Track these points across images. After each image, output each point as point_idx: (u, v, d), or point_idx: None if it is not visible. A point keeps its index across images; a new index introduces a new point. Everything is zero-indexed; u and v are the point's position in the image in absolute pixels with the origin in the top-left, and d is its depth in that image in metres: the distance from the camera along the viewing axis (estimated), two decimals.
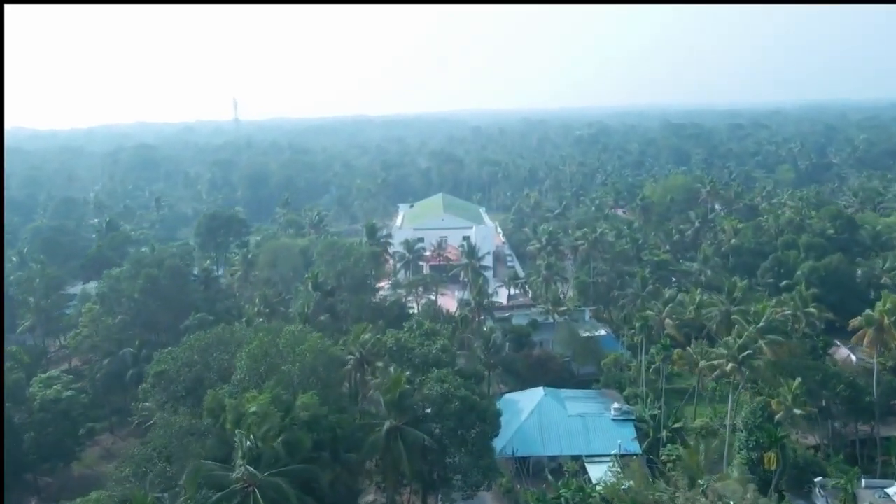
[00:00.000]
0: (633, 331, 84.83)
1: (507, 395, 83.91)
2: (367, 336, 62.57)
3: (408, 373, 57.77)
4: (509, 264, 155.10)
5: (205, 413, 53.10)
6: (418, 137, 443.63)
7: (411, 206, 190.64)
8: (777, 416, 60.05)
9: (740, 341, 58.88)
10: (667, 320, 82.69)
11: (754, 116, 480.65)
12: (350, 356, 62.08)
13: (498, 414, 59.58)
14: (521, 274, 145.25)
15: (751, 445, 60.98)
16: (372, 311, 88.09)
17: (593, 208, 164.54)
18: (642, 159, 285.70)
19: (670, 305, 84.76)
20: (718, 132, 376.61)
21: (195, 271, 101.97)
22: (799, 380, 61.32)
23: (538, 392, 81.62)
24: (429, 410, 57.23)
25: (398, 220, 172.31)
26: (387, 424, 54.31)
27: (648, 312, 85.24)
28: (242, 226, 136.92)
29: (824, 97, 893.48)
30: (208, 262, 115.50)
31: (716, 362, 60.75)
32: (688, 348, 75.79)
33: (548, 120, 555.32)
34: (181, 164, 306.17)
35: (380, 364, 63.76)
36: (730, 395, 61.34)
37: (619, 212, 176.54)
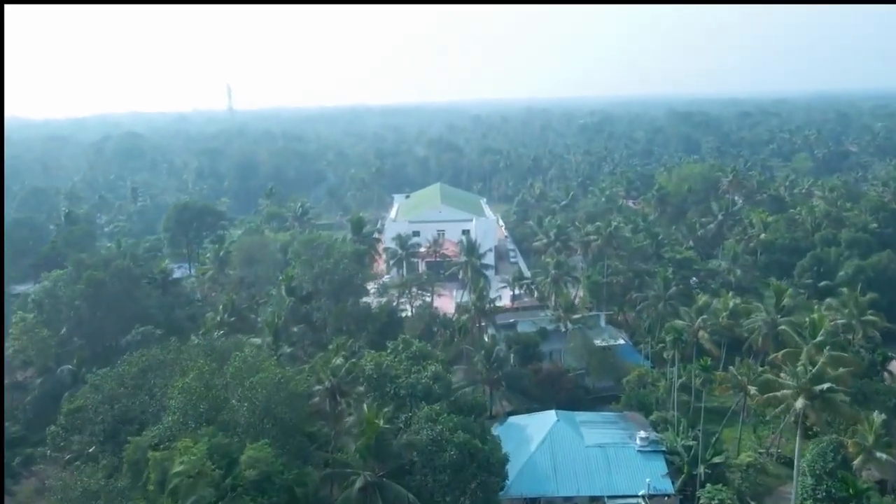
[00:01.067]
0: (661, 344, 72.02)
1: (513, 419, 71.56)
2: (338, 361, 50.09)
3: (387, 409, 45.45)
4: (512, 260, 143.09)
5: (125, 467, 40.95)
6: (417, 126, 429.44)
7: (407, 197, 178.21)
8: (855, 463, 47.74)
9: (812, 370, 46.36)
10: (701, 332, 70.18)
11: (759, 106, 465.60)
12: (319, 386, 49.69)
13: (504, 460, 47.38)
14: (526, 272, 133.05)
15: (819, 496, 48.94)
16: (356, 318, 75.73)
17: (603, 199, 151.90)
18: (650, 148, 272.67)
19: (704, 316, 72.11)
20: (727, 121, 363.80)
21: (158, 272, 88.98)
22: (882, 416, 48.91)
23: (549, 416, 69.34)
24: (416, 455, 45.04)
25: (392, 213, 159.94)
26: (360, 480, 42.11)
27: (679, 322, 72.82)
28: (218, 218, 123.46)
29: (826, 87, 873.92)
30: (167, 261, 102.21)
31: (779, 394, 48.33)
32: (731, 369, 63.37)
33: (550, 109, 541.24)
34: (169, 154, 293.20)
35: (360, 388, 51.54)
36: (797, 438, 48.72)
37: (630, 203, 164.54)
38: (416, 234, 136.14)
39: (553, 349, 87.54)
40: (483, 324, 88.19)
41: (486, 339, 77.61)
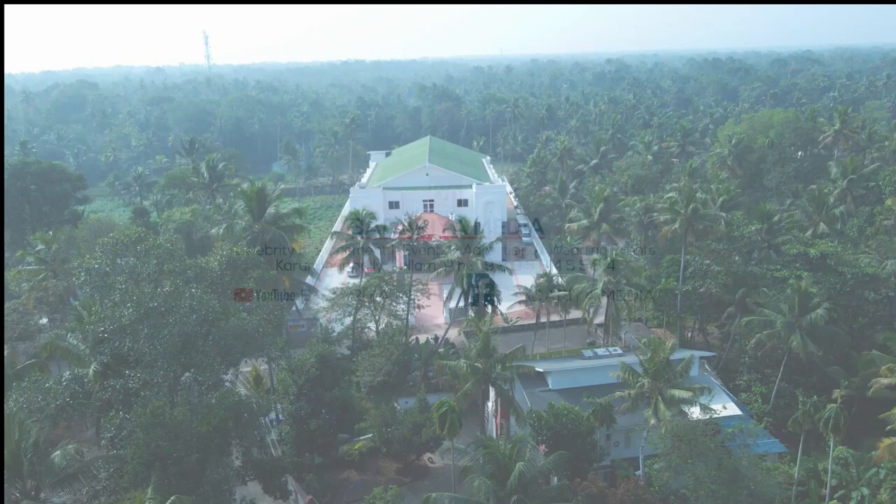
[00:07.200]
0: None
1: None
2: None
3: None
4: (525, 238, 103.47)
5: None
6: (412, 79, 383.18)
7: (387, 155, 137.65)
8: None
9: None
10: None
11: (786, 58, 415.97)
12: None
13: None
14: (545, 259, 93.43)
15: None
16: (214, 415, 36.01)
17: (650, 157, 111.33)
18: (686, 97, 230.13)
19: None
20: (761, 69, 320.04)
21: None
22: None
23: None
24: None
25: (365, 177, 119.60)
26: None
27: None
28: (77, 187, 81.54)
29: (834, 42, 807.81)
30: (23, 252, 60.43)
31: None
32: None
33: (558, 60, 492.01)
34: (118, 106, 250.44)
35: None
36: None
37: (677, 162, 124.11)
38: (395, 205, 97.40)
39: (610, 429, 48.51)
40: (492, 381, 48.90)
41: (495, 446, 38.29)
